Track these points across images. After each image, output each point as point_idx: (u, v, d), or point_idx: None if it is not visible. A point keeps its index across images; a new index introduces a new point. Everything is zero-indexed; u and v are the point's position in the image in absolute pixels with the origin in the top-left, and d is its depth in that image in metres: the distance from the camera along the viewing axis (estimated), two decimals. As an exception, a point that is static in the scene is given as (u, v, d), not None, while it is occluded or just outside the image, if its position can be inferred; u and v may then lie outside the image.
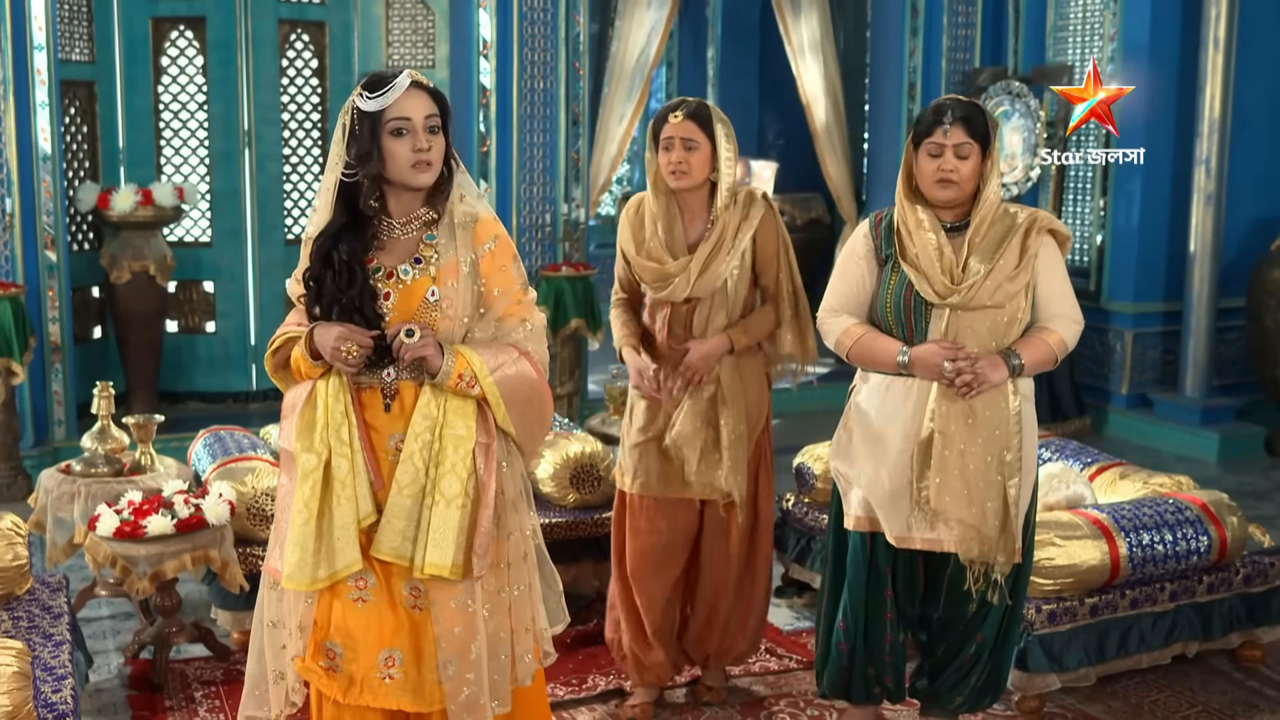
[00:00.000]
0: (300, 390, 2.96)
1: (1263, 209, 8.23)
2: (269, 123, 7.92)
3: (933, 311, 3.59)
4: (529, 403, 2.97)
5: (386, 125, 2.86)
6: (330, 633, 2.95)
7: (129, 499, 4.39)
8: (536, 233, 7.83)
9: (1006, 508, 3.58)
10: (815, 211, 10.91)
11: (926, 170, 3.58)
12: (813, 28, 9.04)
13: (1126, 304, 8.11)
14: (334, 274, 2.90)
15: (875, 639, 3.80)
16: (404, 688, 2.93)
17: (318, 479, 2.87)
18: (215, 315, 8.07)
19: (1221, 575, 4.48)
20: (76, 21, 7.38)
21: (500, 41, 7.61)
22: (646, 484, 4.08)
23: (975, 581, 3.65)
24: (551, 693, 4.32)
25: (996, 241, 3.59)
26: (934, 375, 3.56)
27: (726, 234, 3.96)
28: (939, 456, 3.56)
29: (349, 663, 2.93)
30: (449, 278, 2.92)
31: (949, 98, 3.65)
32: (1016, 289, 3.57)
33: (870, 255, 3.72)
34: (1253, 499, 6.76)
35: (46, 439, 6.91)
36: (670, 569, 4.14)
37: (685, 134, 3.90)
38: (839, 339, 3.72)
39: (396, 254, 2.95)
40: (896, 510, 3.65)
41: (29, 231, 6.74)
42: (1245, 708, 4.32)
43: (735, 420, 4.02)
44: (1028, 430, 3.64)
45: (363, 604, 2.93)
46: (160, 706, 4.25)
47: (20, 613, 3.94)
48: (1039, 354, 3.60)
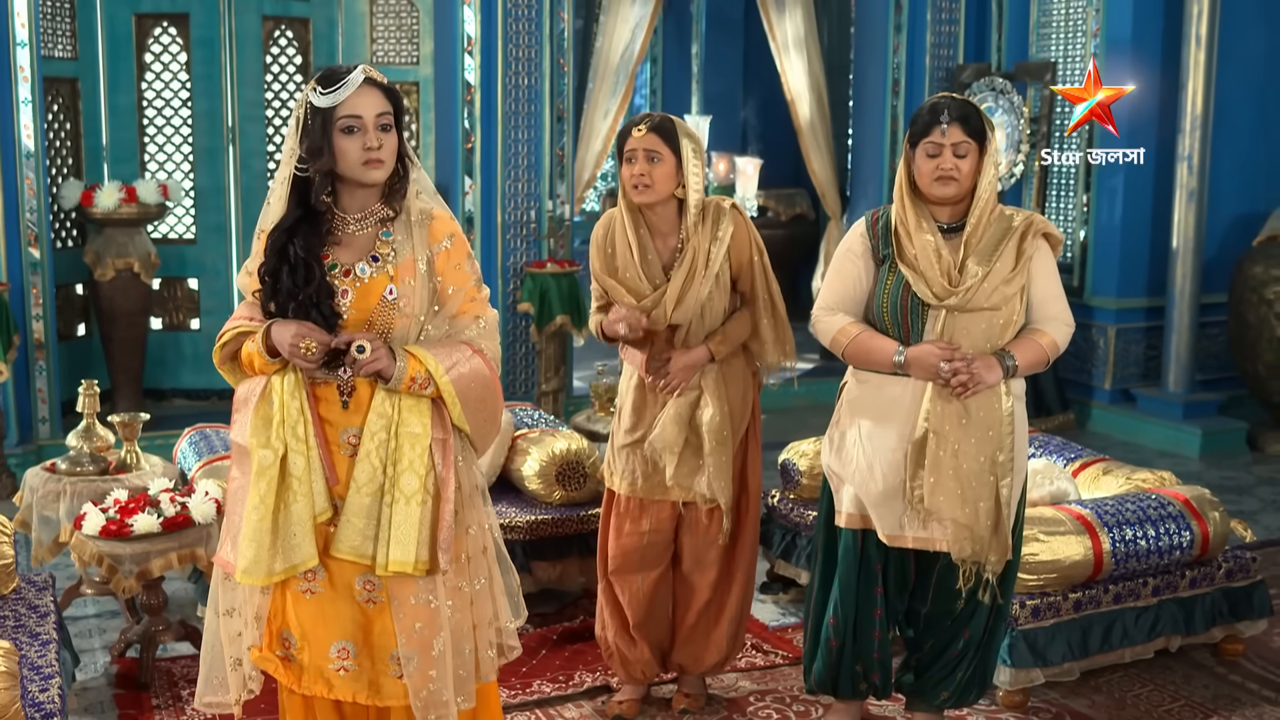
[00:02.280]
0: (254, 385, 2.97)
1: (1244, 205, 8.26)
2: (253, 119, 7.90)
3: (930, 312, 3.61)
4: (482, 400, 3.00)
5: (338, 122, 2.88)
6: (285, 622, 3.00)
7: (115, 497, 4.39)
8: (521, 229, 7.83)
9: (999, 507, 3.61)
10: (799, 207, 10.94)
11: (925, 169, 3.60)
12: (797, 24, 9.04)
13: (1109, 300, 8.15)
14: (290, 270, 2.91)
15: (864, 636, 3.82)
16: (358, 679, 2.98)
17: (274, 475, 2.89)
18: (200, 312, 8.06)
19: (1204, 570, 4.51)
20: (59, 18, 7.36)
21: (485, 38, 7.60)
22: (633, 484, 4.07)
23: (966, 581, 3.67)
24: (538, 689, 4.34)
25: (993, 243, 3.61)
26: (930, 375, 3.58)
27: (699, 259, 3.92)
28: (933, 456, 3.59)
29: (301, 652, 2.99)
30: (406, 275, 2.94)
31: (944, 96, 3.66)
32: (1013, 291, 3.60)
33: (867, 254, 3.74)
34: (1234, 494, 6.80)
35: (30, 437, 6.89)
36: (651, 566, 4.12)
37: (648, 146, 3.85)
38: (835, 337, 3.73)
39: (353, 250, 2.96)
40: (889, 509, 3.67)
41: (12, 229, 6.71)
42: (1227, 701, 4.35)
43: (718, 424, 3.98)
44: (1019, 430, 3.67)
45: (310, 595, 2.97)
46: (147, 705, 4.25)
47: (6, 612, 3.93)
48: (1032, 355, 3.63)
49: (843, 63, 9.92)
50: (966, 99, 3.67)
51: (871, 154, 9.03)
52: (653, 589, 4.15)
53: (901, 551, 3.75)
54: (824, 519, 3.88)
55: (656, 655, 4.21)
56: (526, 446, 5.11)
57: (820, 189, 9.32)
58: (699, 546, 4.11)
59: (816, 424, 3.94)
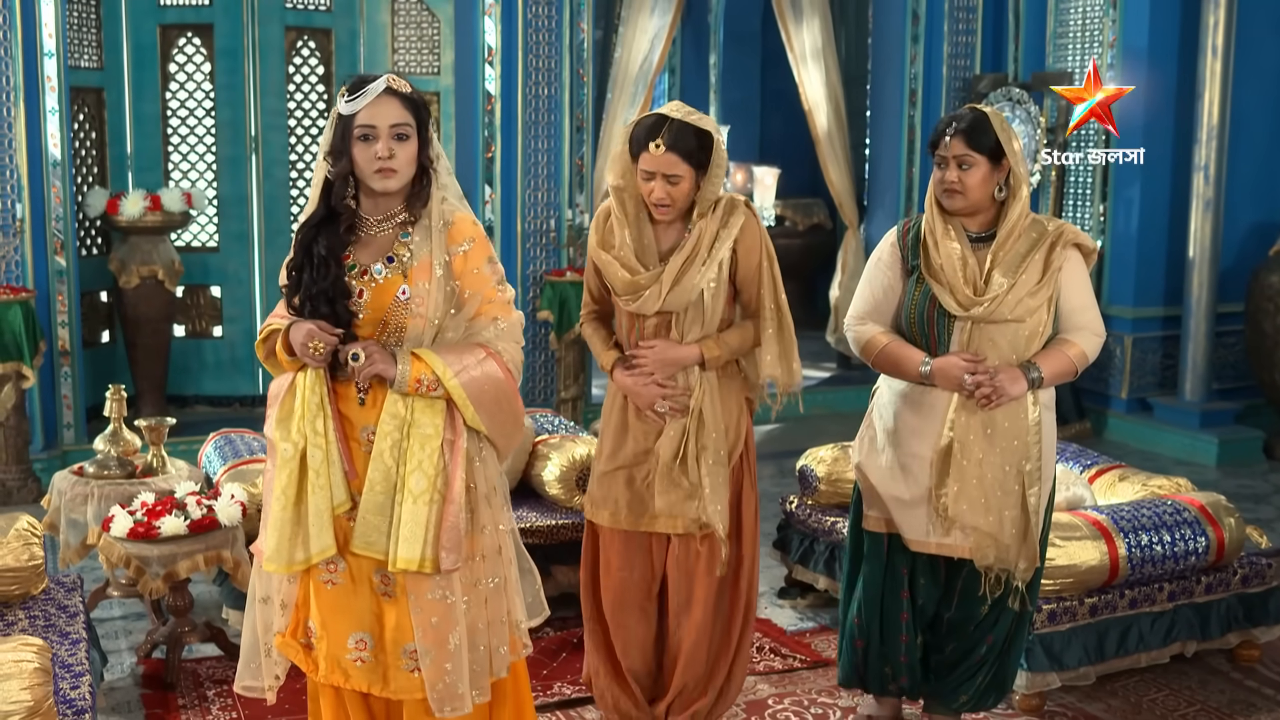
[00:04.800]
0: (282, 381, 3.08)
1: (1261, 214, 8.29)
2: (275, 128, 7.98)
3: (955, 323, 3.64)
4: (498, 402, 3.03)
5: (355, 130, 2.96)
6: (310, 611, 3.09)
7: (142, 500, 4.45)
8: (541, 238, 7.89)
9: (1027, 516, 3.63)
10: (817, 217, 10.99)
11: (935, 180, 3.65)
12: (814, 34, 9.09)
13: (1126, 309, 8.17)
14: (312, 266, 2.99)
15: (890, 638, 3.86)
16: (374, 671, 3.06)
17: (294, 467, 2.97)
18: (222, 320, 8.13)
19: (1219, 576, 4.54)
20: (85, 29, 7.45)
21: (505, 48, 7.68)
22: (615, 515, 3.77)
23: (993, 589, 3.70)
24: (559, 691, 4.38)
25: (1022, 254, 3.62)
26: (954, 386, 3.61)
27: (703, 243, 3.60)
28: (957, 465, 3.62)
29: (320, 641, 3.07)
30: (420, 278, 3.00)
31: (965, 108, 3.68)
32: (1038, 303, 3.61)
33: (896, 264, 3.77)
34: (1251, 502, 6.81)
35: (56, 442, 6.96)
36: (650, 608, 3.85)
37: (667, 169, 3.53)
38: (865, 347, 3.77)
39: (371, 251, 3.04)
40: (915, 514, 3.71)
41: (39, 237, 6.80)
42: (1243, 706, 4.37)
43: (714, 444, 3.66)
44: (1047, 439, 3.69)
45: (332, 586, 3.05)
46: (173, 705, 4.31)
47: (36, 612, 4.00)
48: (1059, 366, 3.65)
49: (860, 73, 9.97)
50: (983, 112, 3.66)
51: (889, 164, 9.07)
52: (647, 630, 3.87)
53: (931, 556, 3.78)
54: (853, 520, 3.92)
55: (649, 698, 3.92)
56: (547, 452, 5.16)
57: (837, 199, 9.37)
58: (692, 582, 3.77)
59: (834, 431, 3.95)
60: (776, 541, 5.34)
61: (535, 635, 4.25)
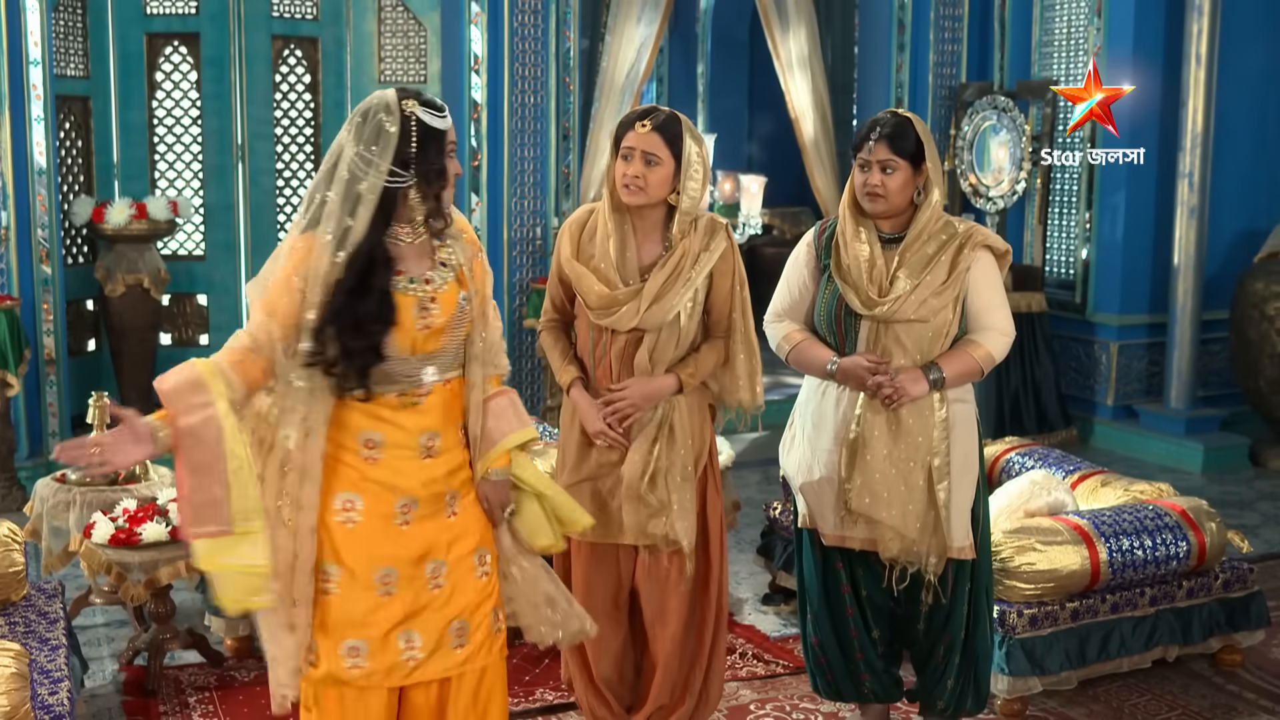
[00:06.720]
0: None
1: (1245, 222, 8.32)
2: (262, 137, 7.99)
3: (861, 322, 3.69)
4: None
5: (449, 146, 2.94)
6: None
7: (124, 507, 4.46)
8: (527, 245, 7.91)
9: (936, 510, 3.66)
10: (804, 225, 11.00)
11: (857, 182, 3.70)
12: (801, 43, 9.11)
13: (1111, 316, 8.19)
14: (365, 296, 2.87)
15: (843, 636, 3.88)
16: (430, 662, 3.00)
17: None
18: (209, 328, 8.12)
19: (1201, 580, 4.55)
20: (72, 37, 7.45)
21: (491, 57, 7.70)
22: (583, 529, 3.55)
23: (898, 581, 3.72)
24: (540, 697, 4.38)
25: (929, 255, 3.67)
26: (859, 386, 3.67)
27: (685, 263, 3.58)
28: (861, 460, 3.67)
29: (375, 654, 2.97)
30: (466, 281, 3.03)
31: (886, 112, 3.73)
32: (943, 304, 3.65)
33: (811, 263, 3.83)
34: (1236, 508, 6.83)
35: (41, 450, 6.95)
36: (620, 617, 3.81)
37: (648, 147, 3.51)
38: (779, 344, 3.85)
39: (417, 261, 2.97)
40: (829, 509, 3.75)
41: (24, 245, 6.79)
42: (1225, 711, 4.39)
43: (682, 460, 3.65)
44: (963, 432, 3.71)
45: (387, 595, 3.00)
46: (155, 712, 4.30)
47: (16, 618, 4.00)
48: (962, 367, 3.68)
49: (847, 81, 9.99)
50: (906, 116, 3.69)
51: (875, 172, 9.08)
52: (619, 639, 3.84)
53: (864, 550, 3.79)
54: (795, 522, 3.95)
55: (625, 706, 3.90)
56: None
57: (824, 207, 9.37)
58: (665, 595, 3.74)
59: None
60: (760, 548, 5.35)
61: (517, 643, 4.26)
